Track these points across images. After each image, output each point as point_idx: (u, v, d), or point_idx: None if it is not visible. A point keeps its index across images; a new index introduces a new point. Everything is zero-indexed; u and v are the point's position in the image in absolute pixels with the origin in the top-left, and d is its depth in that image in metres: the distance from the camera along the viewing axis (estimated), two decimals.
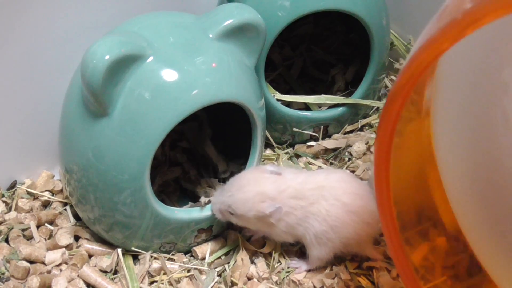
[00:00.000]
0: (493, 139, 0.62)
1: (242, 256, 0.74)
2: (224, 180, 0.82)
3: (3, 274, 0.71)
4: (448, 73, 0.60)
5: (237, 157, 0.84)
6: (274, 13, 0.78)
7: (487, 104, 0.62)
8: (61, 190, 0.83)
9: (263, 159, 0.86)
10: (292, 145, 0.91)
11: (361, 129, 0.92)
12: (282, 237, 0.71)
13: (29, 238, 0.77)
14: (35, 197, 0.82)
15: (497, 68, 0.59)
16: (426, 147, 0.64)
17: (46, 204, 0.83)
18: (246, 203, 0.67)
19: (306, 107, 0.91)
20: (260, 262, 0.74)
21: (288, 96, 0.88)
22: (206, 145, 0.85)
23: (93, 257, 0.75)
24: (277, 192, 0.67)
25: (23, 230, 0.77)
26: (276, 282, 0.72)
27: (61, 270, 0.73)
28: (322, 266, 0.73)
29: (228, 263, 0.74)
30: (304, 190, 0.68)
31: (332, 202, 0.68)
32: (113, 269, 0.73)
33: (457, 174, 0.65)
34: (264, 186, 0.67)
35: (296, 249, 0.75)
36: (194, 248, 0.76)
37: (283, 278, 0.72)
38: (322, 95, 0.89)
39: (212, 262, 0.75)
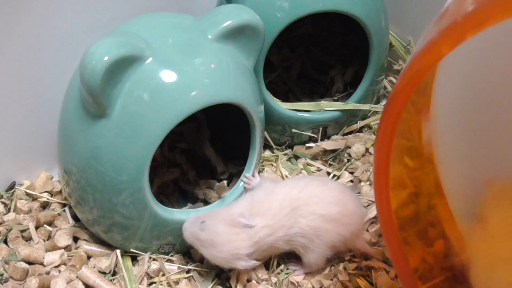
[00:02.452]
0: (493, 137, 0.63)
1: None
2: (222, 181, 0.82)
3: (2, 275, 0.71)
4: (448, 71, 0.60)
5: (236, 158, 0.84)
6: (273, 14, 0.78)
7: (487, 103, 0.62)
8: (60, 191, 0.83)
9: (262, 161, 0.86)
10: (291, 146, 0.91)
11: (360, 130, 0.92)
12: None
13: (28, 239, 0.77)
14: (34, 198, 0.82)
15: (496, 68, 0.59)
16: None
17: (45, 205, 0.83)
18: (220, 261, 0.69)
19: None
20: (259, 263, 0.74)
21: (288, 103, 0.88)
22: (205, 146, 0.85)
23: (91, 258, 0.75)
24: (250, 245, 0.68)
25: (22, 231, 0.77)
26: (275, 283, 0.72)
27: (60, 271, 0.73)
28: (320, 268, 0.73)
29: None
30: (280, 221, 0.69)
31: (311, 217, 0.69)
32: (112, 270, 0.73)
33: (456, 172, 0.65)
34: (238, 245, 0.68)
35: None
36: (192, 249, 0.76)
37: (282, 279, 0.72)
38: (322, 101, 0.89)
39: (211, 263, 0.74)
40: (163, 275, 0.72)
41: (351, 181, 0.84)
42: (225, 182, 0.80)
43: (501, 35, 0.57)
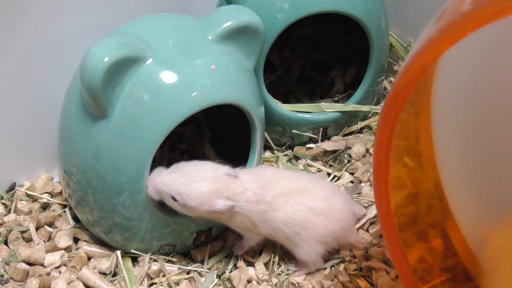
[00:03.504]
0: (493, 138, 0.63)
1: (241, 258, 0.74)
2: None
3: (2, 276, 0.71)
4: (447, 71, 0.60)
5: (236, 159, 0.83)
6: (273, 15, 0.78)
7: (487, 102, 0.62)
8: (60, 192, 0.83)
9: (262, 161, 0.86)
10: (291, 147, 0.91)
11: (360, 131, 0.92)
12: (244, 233, 0.72)
13: (28, 240, 0.77)
14: (34, 199, 0.82)
15: (496, 67, 0.59)
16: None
17: (45, 206, 0.83)
18: (201, 197, 0.65)
19: None
20: (260, 264, 0.74)
21: (288, 105, 0.89)
22: (205, 147, 0.85)
23: (92, 259, 0.75)
24: (233, 193, 0.66)
25: (22, 232, 0.77)
26: (276, 284, 0.72)
27: (60, 272, 0.73)
28: (320, 267, 0.73)
29: (228, 265, 0.74)
30: (266, 197, 0.68)
31: (299, 207, 0.69)
32: (112, 271, 0.73)
33: (456, 173, 0.65)
34: (222, 184, 0.66)
35: None
36: (193, 250, 0.76)
37: (283, 280, 0.72)
38: (322, 103, 0.90)
39: (212, 264, 0.75)
40: (164, 276, 0.72)
41: (352, 181, 0.84)
42: None
43: (502, 35, 0.57)
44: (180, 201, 0.65)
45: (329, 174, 0.86)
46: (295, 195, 0.69)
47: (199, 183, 0.65)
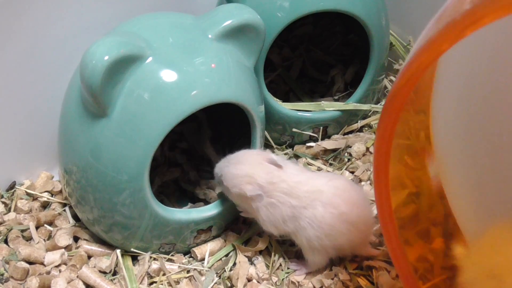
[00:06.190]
0: (494, 137, 0.63)
1: (242, 257, 0.74)
2: None
3: (2, 275, 0.71)
4: (448, 70, 0.60)
5: None
6: (274, 14, 0.78)
7: (487, 101, 0.62)
8: (60, 191, 0.83)
9: None
10: (291, 146, 0.91)
11: (360, 129, 0.92)
12: (267, 227, 0.70)
13: (28, 239, 0.77)
14: (34, 198, 0.82)
15: (496, 66, 0.59)
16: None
17: (45, 205, 0.83)
18: (233, 179, 0.68)
19: None
20: (260, 263, 0.74)
21: (288, 103, 0.89)
22: (206, 146, 0.85)
23: (92, 258, 0.75)
24: (267, 181, 0.67)
25: (22, 231, 0.77)
26: (276, 283, 0.72)
27: (60, 271, 0.73)
28: (321, 267, 0.73)
29: (228, 264, 0.74)
30: (299, 191, 0.67)
31: (330, 210, 0.67)
32: (112, 270, 0.73)
33: (456, 171, 0.65)
34: (257, 171, 0.67)
35: (296, 249, 0.75)
36: (193, 249, 0.76)
37: (283, 279, 0.72)
38: (322, 101, 0.90)
39: (212, 263, 0.75)
40: (164, 274, 0.72)
41: (352, 180, 0.84)
42: None
43: (502, 34, 0.57)
44: (222, 181, 0.70)
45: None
46: (330, 194, 0.68)
47: (236, 166, 0.69)
